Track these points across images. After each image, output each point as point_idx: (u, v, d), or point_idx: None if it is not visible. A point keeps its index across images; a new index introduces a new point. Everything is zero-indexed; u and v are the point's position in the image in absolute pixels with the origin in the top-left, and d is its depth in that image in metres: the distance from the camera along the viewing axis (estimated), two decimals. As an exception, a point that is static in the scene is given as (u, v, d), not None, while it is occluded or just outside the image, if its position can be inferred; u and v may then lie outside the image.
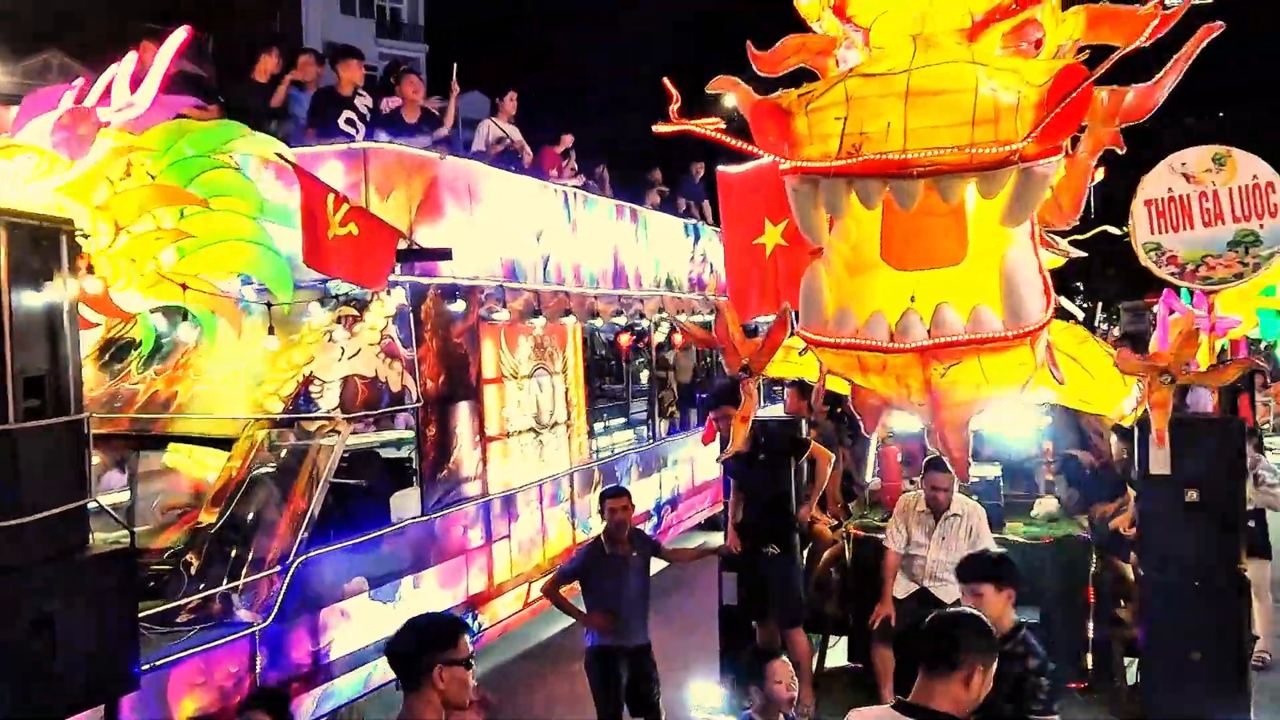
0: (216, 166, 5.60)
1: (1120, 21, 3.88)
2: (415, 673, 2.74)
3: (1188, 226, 5.63)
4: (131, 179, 5.43)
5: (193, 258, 5.56)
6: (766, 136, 3.42)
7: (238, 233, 5.65)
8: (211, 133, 5.69)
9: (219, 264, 5.68)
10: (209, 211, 5.52)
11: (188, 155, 5.55)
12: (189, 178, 5.52)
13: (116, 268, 5.37)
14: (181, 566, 5.41)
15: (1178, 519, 5.07)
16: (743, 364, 5.05)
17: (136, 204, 5.36)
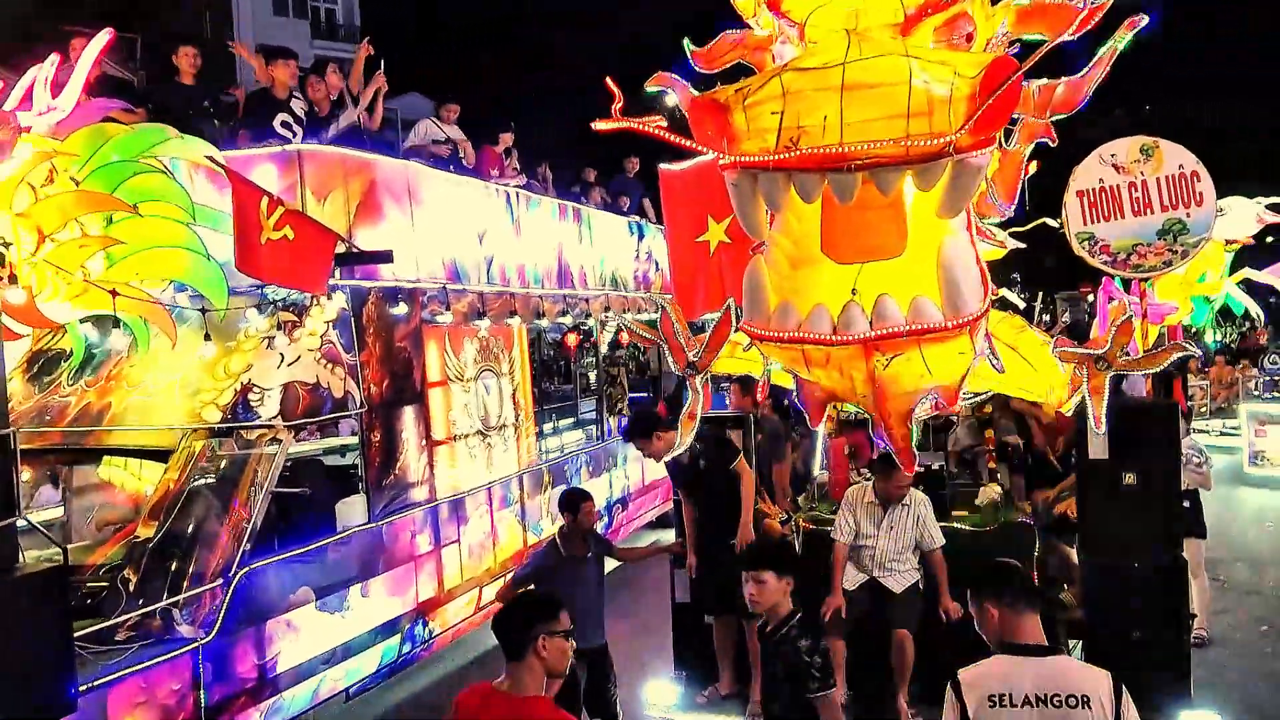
0: (144, 171, 5.45)
1: (1049, 15, 3.96)
2: (521, 644, 3.02)
3: (1118, 216, 5.75)
4: (54, 185, 5.26)
5: (122, 265, 5.41)
6: (705, 131, 3.42)
7: (169, 239, 5.50)
8: (138, 137, 5.53)
9: (150, 271, 5.53)
10: (138, 217, 5.36)
11: (113, 160, 5.39)
12: (115, 183, 5.36)
13: (42, 277, 5.20)
14: (119, 583, 5.26)
15: (1116, 502, 5.18)
16: (689, 361, 5.05)
17: (60, 211, 5.20)
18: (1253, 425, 13.75)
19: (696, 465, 5.76)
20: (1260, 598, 8.57)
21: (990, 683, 2.93)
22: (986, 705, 2.89)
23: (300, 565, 5.94)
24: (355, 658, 6.33)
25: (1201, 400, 16.11)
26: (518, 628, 3.06)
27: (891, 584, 5.53)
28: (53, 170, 5.27)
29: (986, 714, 2.88)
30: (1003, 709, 2.86)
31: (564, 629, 3.09)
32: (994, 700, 2.89)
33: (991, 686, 2.92)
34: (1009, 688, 2.90)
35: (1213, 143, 15.32)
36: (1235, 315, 18.89)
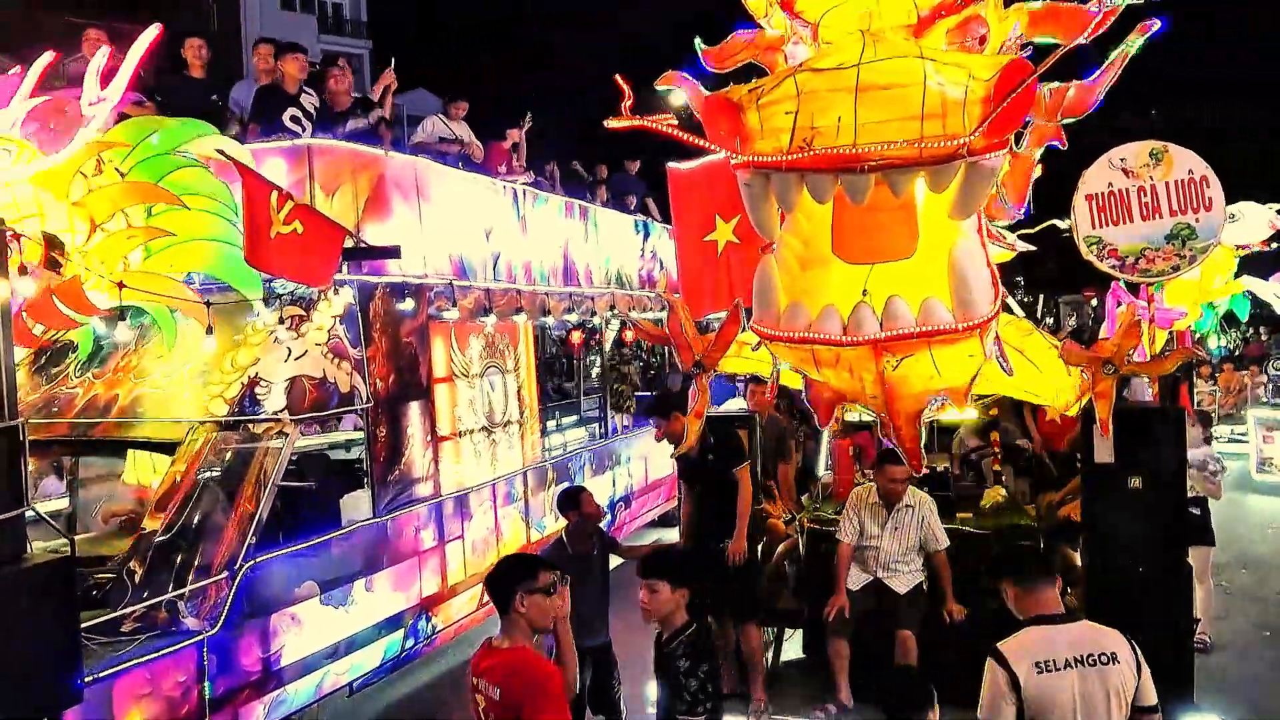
0: (185, 164, 5.52)
1: (1061, 18, 3.96)
2: (505, 600, 3.36)
3: (1127, 220, 5.75)
4: (103, 175, 5.33)
5: (158, 257, 5.48)
6: (718, 131, 3.42)
7: (207, 232, 5.58)
8: (180, 130, 5.61)
9: (183, 263, 5.62)
10: (181, 210, 5.42)
11: (156, 153, 5.46)
12: (159, 175, 5.45)
13: (90, 265, 5.27)
14: (125, 574, 5.27)
15: (1122, 506, 5.18)
16: (696, 360, 5.06)
17: (111, 201, 5.30)
18: (1260, 431, 13.68)
19: (705, 457, 5.76)
20: (1262, 603, 8.57)
21: (1033, 651, 3.25)
22: (1034, 672, 3.20)
23: (305, 559, 5.95)
24: (359, 652, 6.34)
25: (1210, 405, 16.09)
26: (501, 586, 3.40)
27: (896, 585, 5.53)
28: (100, 161, 5.34)
29: (1035, 679, 3.19)
30: (1049, 673, 3.19)
31: (542, 586, 3.37)
32: (1040, 666, 3.21)
33: (1036, 654, 3.24)
34: (1050, 654, 3.24)
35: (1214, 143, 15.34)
36: (1240, 321, 18.86)
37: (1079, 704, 3.19)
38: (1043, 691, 3.19)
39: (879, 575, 5.56)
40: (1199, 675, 5.37)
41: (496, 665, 3.32)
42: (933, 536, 5.53)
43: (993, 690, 3.27)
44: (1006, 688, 3.23)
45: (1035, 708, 3.19)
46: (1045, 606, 3.39)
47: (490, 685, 3.29)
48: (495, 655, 3.37)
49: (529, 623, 3.37)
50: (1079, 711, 3.19)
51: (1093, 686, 3.21)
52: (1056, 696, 3.19)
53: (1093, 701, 3.19)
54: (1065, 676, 3.20)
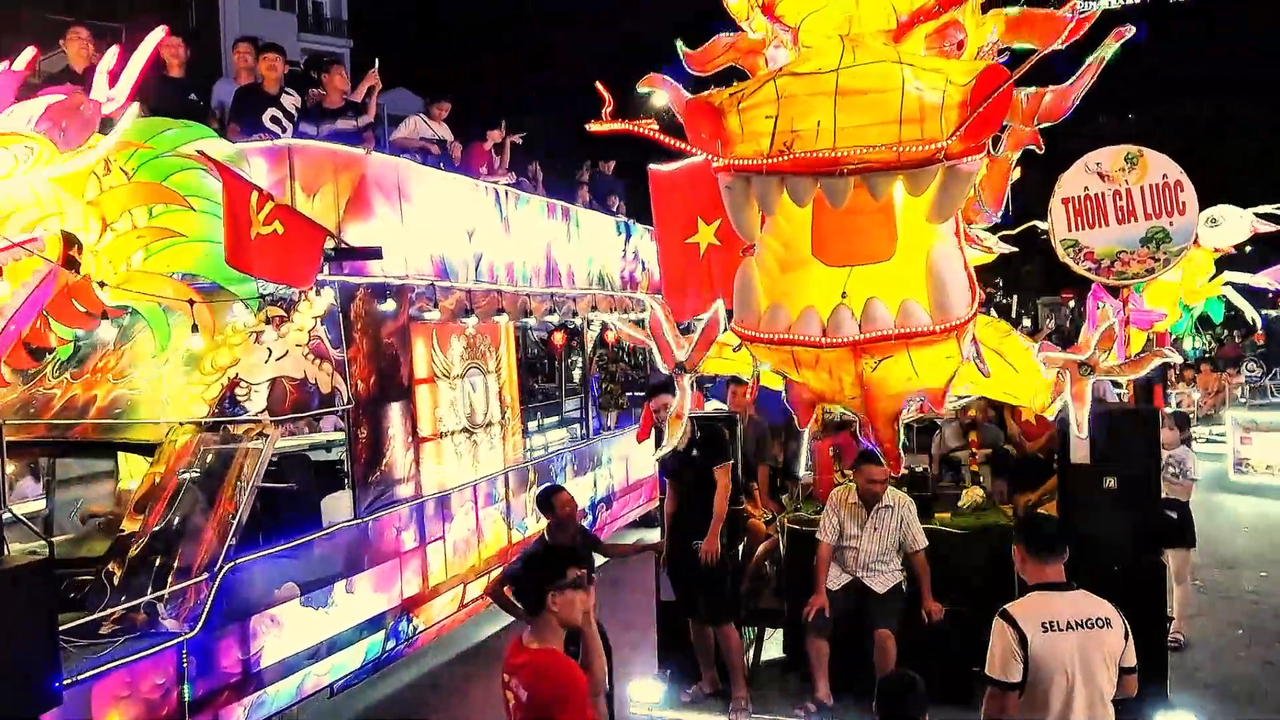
0: (188, 167, 5.54)
1: (1038, 25, 4.02)
2: (536, 601, 3.31)
3: (1103, 223, 5.83)
4: (111, 176, 5.35)
5: (156, 258, 5.48)
6: (699, 134, 3.45)
7: (208, 233, 5.58)
8: (184, 132, 5.65)
9: (180, 264, 5.66)
10: (184, 211, 5.44)
11: (160, 154, 5.47)
12: (164, 176, 5.46)
13: (100, 264, 5.27)
14: (104, 576, 5.24)
15: (1097, 505, 5.25)
16: (677, 361, 5.08)
17: (121, 201, 5.31)
18: (1238, 432, 13.75)
19: (690, 453, 5.79)
20: (1235, 601, 8.68)
21: (1039, 613, 3.57)
22: (1040, 630, 3.52)
23: (285, 561, 5.93)
24: (339, 653, 6.33)
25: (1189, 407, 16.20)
26: (531, 587, 3.38)
27: (875, 584, 5.58)
28: (108, 162, 5.37)
29: (1041, 637, 3.50)
30: (1054, 633, 3.52)
31: (570, 582, 3.34)
32: (1046, 626, 3.53)
33: (1041, 616, 3.55)
34: (1054, 616, 3.55)
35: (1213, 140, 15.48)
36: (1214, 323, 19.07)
37: (1078, 662, 3.50)
38: (1048, 649, 3.49)
39: (858, 575, 5.60)
40: (1173, 673, 5.44)
41: (525, 665, 3.32)
42: (912, 537, 5.58)
43: (1003, 648, 3.53)
44: (1016, 645, 3.50)
45: (1040, 664, 3.48)
46: (1050, 575, 3.68)
47: (519, 685, 3.31)
48: (525, 654, 3.36)
49: (560, 621, 3.36)
50: (1078, 668, 3.49)
51: (1090, 647, 3.52)
52: (1060, 654, 3.49)
53: (1090, 660, 3.51)
54: (1068, 637, 3.51)
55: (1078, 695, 3.49)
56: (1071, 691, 3.48)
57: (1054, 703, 3.48)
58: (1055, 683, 3.48)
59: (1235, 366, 18.08)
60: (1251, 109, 31.40)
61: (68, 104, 5.26)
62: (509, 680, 3.37)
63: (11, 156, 5.08)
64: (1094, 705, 3.51)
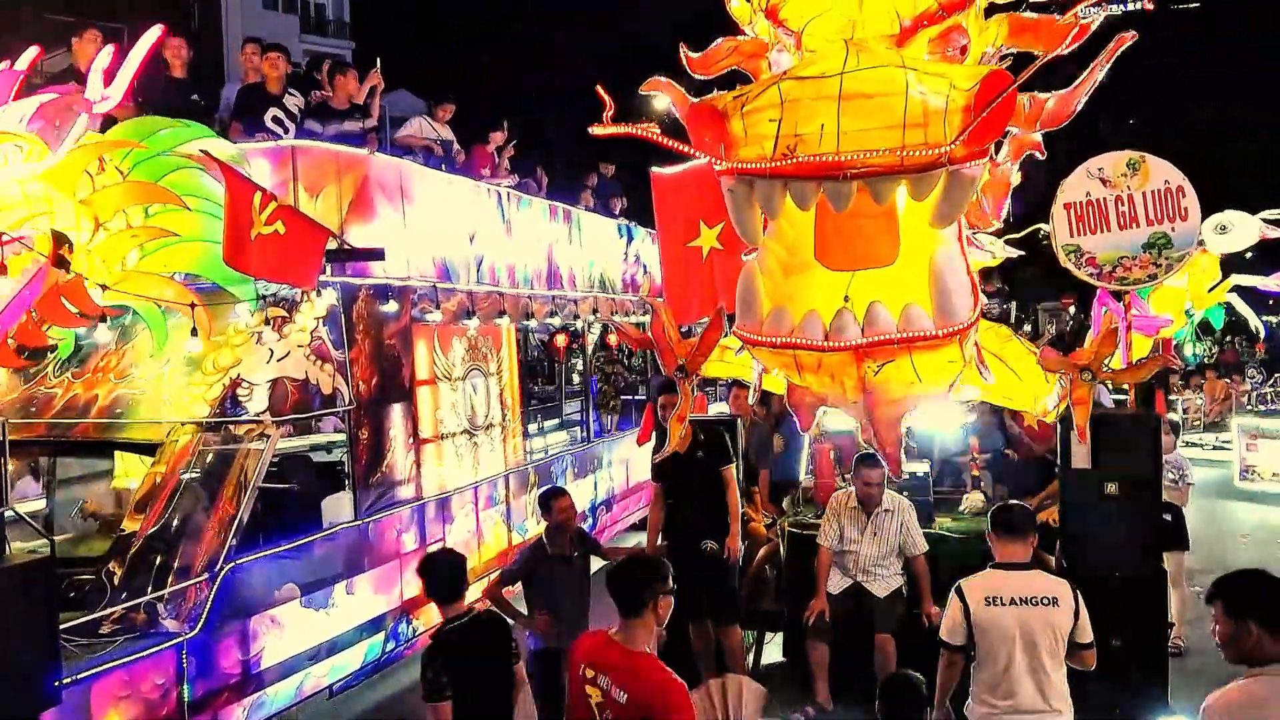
0: (183, 166, 5.52)
1: (1040, 30, 4.02)
2: (638, 602, 3.34)
3: (1105, 229, 5.83)
4: (105, 175, 5.32)
5: (153, 258, 5.46)
6: (703, 138, 3.46)
7: (201, 233, 5.56)
8: (180, 131, 5.61)
9: (177, 264, 5.62)
10: (180, 211, 5.42)
11: (156, 153, 5.45)
12: (158, 176, 5.43)
13: (92, 264, 5.25)
14: (104, 576, 5.24)
15: (1098, 510, 5.25)
16: (678, 364, 5.09)
17: (115, 200, 5.28)
18: (1244, 439, 13.58)
19: (695, 454, 5.78)
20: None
21: (985, 588, 3.98)
22: (983, 604, 3.93)
23: (286, 561, 5.93)
24: (339, 655, 6.32)
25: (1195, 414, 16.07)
26: (635, 588, 3.37)
27: (875, 588, 5.58)
28: (102, 160, 5.33)
29: (983, 610, 3.92)
30: (995, 606, 3.91)
31: (671, 589, 3.44)
32: (989, 600, 3.93)
33: (987, 590, 3.96)
34: (998, 592, 3.95)
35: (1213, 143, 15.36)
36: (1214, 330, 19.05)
37: (1018, 632, 3.88)
38: (988, 620, 3.92)
39: (859, 579, 5.60)
40: (1174, 678, 5.43)
41: (622, 667, 3.27)
42: (911, 541, 5.58)
43: (951, 616, 4.03)
44: (961, 616, 3.97)
45: (981, 631, 3.93)
46: (1008, 556, 4.08)
47: (614, 685, 3.25)
48: (617, 653, 3.31)
49: (657, 621, 3.39)
50: (1019, 639, 3.87)
51: (1032, 620, 3.89)
52: (1000, 626, 3.90)
53: (1030, 632, 3.88)
54: (1009, 611, 3.90)
55: (1016, 661, 3.87)
56: (1010, 658, 3.87)
57: (996, 665, 3.91)
58: (996, 649, 3.90)
59: (1239, 373, 18.06)
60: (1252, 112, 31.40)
61: (60, 103, 5.25)
62: (594, 676, 3.31)
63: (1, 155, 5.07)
64: (1035, 672, 3.87)
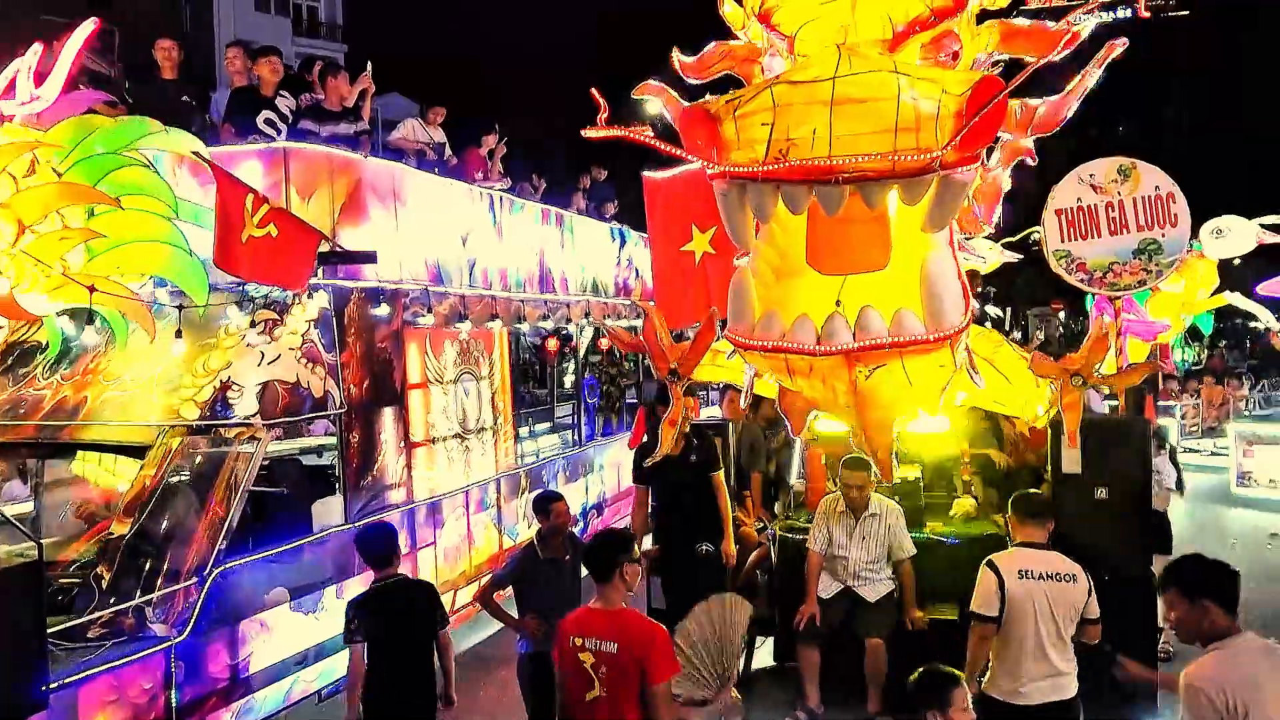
0: (128, 164, 5.39)
1: (1032, 36, 4.04)
2: (608, 569, 3.85)
3: (1095, 235, 5.87)
4: (36, 176, 5.21)
5: (102, 259, 5.36)
6: (695, 141, 3.46)
7: (151, 233, 5.45)
8: (122, 129, 5.48)
9: (131, 265, 5.48)
10: (119, 211, 5.31)
11: (97, 153, 5.34)
12: (98, 176, 5.31)
13: (20, 268, 5.15)
14: (92, 579, 5.20)
15: (1089, 515, 5.26)
16: (670, 368, 5.09)
17: (41, 202, 5.15)
18: (1241, 445, 13.44)
19: (688, 458, 5.79)
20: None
21: (1018, 564, 4.36)
22: (1017, 577, 4.31)
23: (275, 565, 5.90)
24: (329, 659, 6.29)
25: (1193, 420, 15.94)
26: (605, 558, 3.89)
27: (866, 593, 5.58)
28: (34, 161, 5.22)
29: (1017, 583, 4.30)
30: (1028, 580, 4.31)
31: (636, 557, 3.96)
32: (1022, 574, 4.32)
33: (1019, 566, 4.34)
34: (1029, 567, 4.33)
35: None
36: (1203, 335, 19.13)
37: (1045, 606, 4.26)
38: (1022, 593, 4.28)
39: (849, 584, 5.60)
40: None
41: (605, 624, 3.76)
42: (899, 545, 5.58)
43: (986, 589, 4.34)
44: (996, 588, 4.30)
45: (1013, 603, 4.27)
46: (1031, 536, 4.47)
47: (602, 641, 3.73)
48: (598, 616, 3.81)
49: (626, 587, 3.88)
50: (1042, 610, 4.26)
51: (1055, 594, 4.29)
52: (1031, 597, 4.28)
53: (1054, 605, 4.28)
54: (1039, 586, 4.29)
55: (1043, 631, 4.26)
56: (1037, 627, 4.25)
57: (1022, 634, 4.26)
58: (1023, 620, 4.26)
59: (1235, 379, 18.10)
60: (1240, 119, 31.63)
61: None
62: (582, 643, 3.76)
63: None
64: (1055, 642, 4.28)
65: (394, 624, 4.74)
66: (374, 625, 4.71)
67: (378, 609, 4.77)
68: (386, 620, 4.73)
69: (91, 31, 5.62)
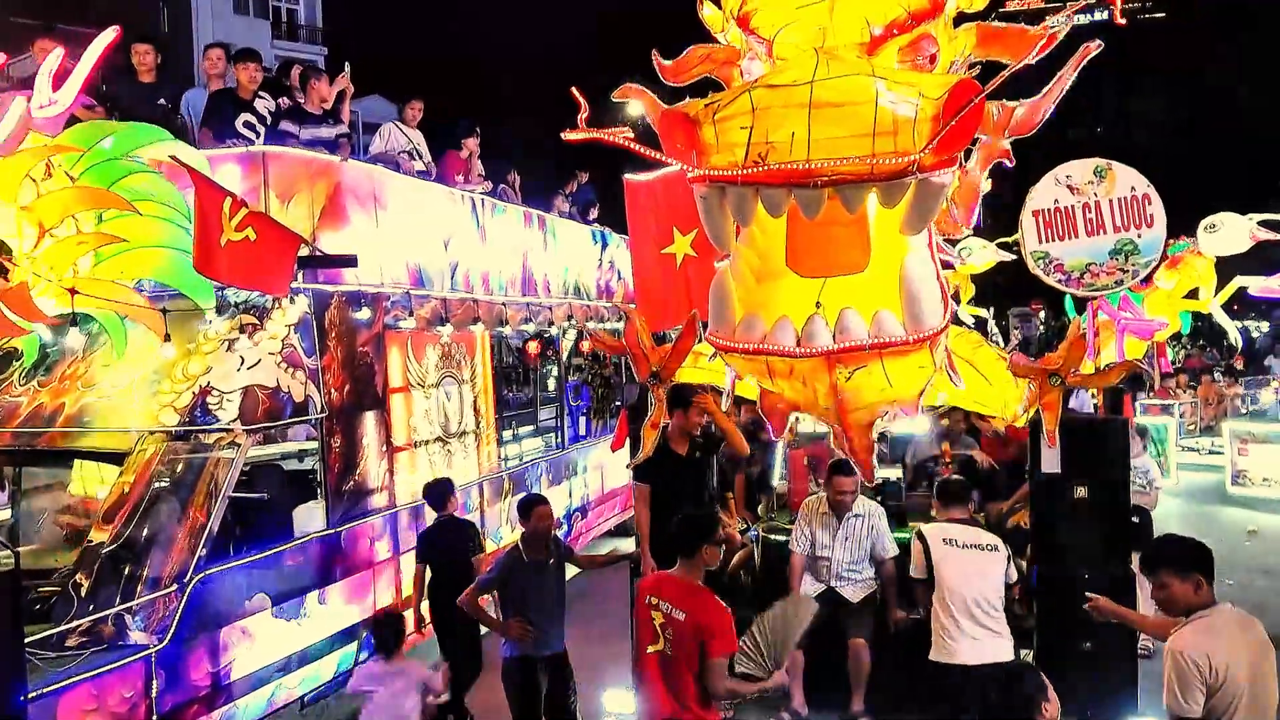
0: (137, 170, 5.41)
1: (1009, 39, 4.07)
2: (693, 547, 4.20)
3: (1072, 236, 5.92)
4: (52, 180, 5.22)
5: (109, 263, 5.36)
6: (675, 144, 3.47)
7: (159, 238, 5.47)
8: (132, 134, 5.50)
9: (135, 270, 5.49)
10: (129, 216, 5.32)
11: (108, 158, 5.35)
12: (111, 180, 5.33)
13: (39, 271, 5.15)
14: (71, 587, 5.16)
15: (1068, 515, 5.30)
16: (652, 370, 5.09)
17: (62, 206, 5.17)
18: (1235, 444, 13.44)
19: (693, 455, 5.81)
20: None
21: (942, 534, 5.07)
22: (942, 544, 5.01)
23: (257, 571, 5.87)
24: (311, 665, 6.27)
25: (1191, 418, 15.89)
26: (692, 537, 4.24)
27: (849, 593, 5.60)
28: (49, 165, 5.22)
29: (942, 549, 4.99)
30: (951, 547, 5.00)
31: (720, 540, 4.35)
32: (946, 541, 5.02)
33: (942, 534, 5.07)
34: (953, 536, 5.05)
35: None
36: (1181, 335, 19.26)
37: (969, 569, 4.91)
38: (947, 559, 4.95)
39: (832, 585, 5.62)
40: (1143, 681, 5.49)
41: (680, 593, 4.13)
42: (882, 545, 5.61)
43: (918, 556, 5.07)
44: (923, 556, 5.01)
45: (941, 569, 4.93)
46: (953, 515, 5.24)
47: (672, 606, 4.10)
48: (675, 583, 4.20)
49: (705, 564, 4.24)
50: (969, 576, 4.90)
51: (979, 562, 4.96)
52: (955, 563, 4.94)
53: (979, 570, 4.93)
54: (963, 553, 4.97)
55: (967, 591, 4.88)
56: (961, 589, 4.88)
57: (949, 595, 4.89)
58: (950, 582, 4.91)
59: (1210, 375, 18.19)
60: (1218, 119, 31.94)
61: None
62: (656, 603, 4.16)
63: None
64: (980, 603, 4.87)
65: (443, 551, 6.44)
66: (431, 550, 6.49)
67: (436, 538, 6.53)
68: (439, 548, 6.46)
69: (113, 40, 5.59)
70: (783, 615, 4.34)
